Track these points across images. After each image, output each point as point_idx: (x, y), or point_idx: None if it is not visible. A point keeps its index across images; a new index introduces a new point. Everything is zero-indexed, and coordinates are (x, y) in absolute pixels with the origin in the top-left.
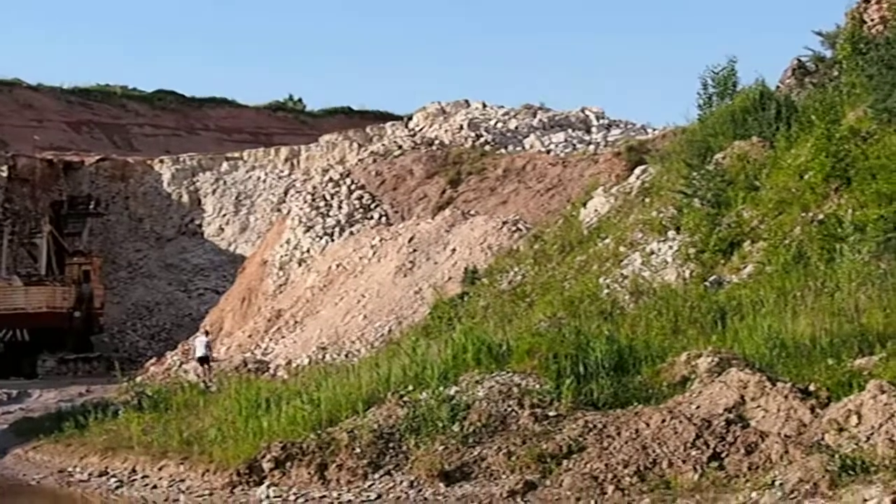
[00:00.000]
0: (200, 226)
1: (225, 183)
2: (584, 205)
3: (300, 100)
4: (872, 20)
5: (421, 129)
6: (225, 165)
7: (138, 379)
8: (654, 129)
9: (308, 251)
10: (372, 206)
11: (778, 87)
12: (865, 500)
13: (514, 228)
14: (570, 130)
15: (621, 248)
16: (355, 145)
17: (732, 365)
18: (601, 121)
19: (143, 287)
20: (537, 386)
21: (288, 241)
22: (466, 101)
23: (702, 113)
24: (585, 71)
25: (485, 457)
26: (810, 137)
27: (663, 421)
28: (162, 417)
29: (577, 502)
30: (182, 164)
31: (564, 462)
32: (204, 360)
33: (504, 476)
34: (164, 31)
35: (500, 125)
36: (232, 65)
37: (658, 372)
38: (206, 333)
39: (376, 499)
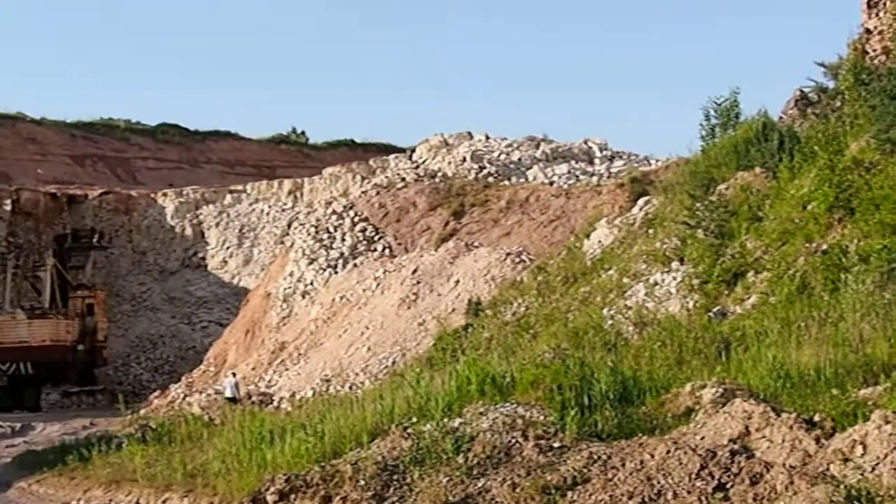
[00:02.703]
0: (204, 258)
1: (228, 216)
2: (588, 236)
3: (303, 132)
4: (875, 51)
5: (424, 162)
6: (228, 198)
7: (142, 412)
8: (658, 161)
9: (311, 283)
10: (375, 238)
11: (781, 117)
12: None
13: (517, 260)
14: (573, 162)
15: (625, 280)
16: (358, 177)
17: (737, 396)
18: (604, 152)
19: (147, 320)
20: (541, 417)
21: (291, 274)
22: (469, 134)
23: (705, 144)
24: (588, 102)
25: (489, 489)
26: (813, 168)
27: (668, 452)
28: (166, 450)
29: None
30: (185, 198)
31: (569, 493)
32: (233, 401)
33: None
34: (168, 64)
35: (503, 157)
36: (235, 98)
37: (662, 403)
38: (234, 374)
39: None
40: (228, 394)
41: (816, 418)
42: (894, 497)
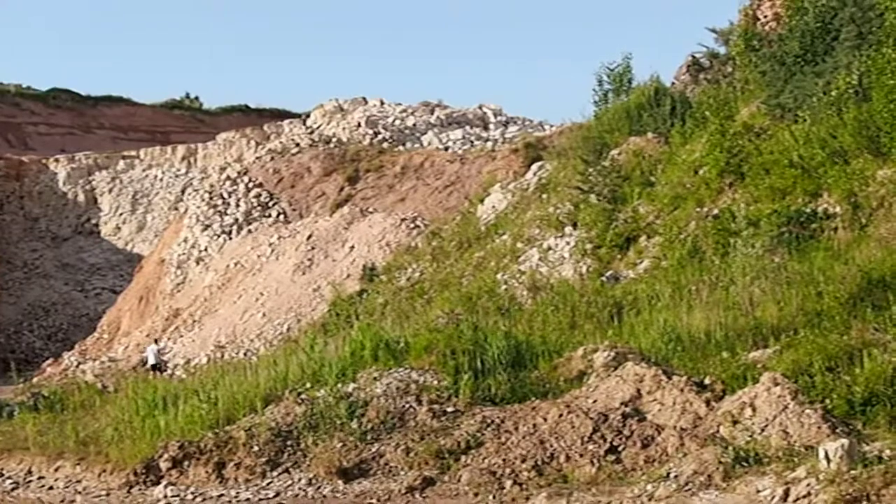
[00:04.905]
0: (97, 225)
1: (121, 182)
2: (482, 201)
3: (197, 98)
4: (765, 17)
5: (318, 127)
6: (121, 164)
7: (34, 380)
8: (551, 126)
9: (206, 249)
10: (270, 203)
11: (673, 83)
12: (758, 491)
13: (412, 225)
14: (467, 127)
15: (518, 245)
16: (253, 143)
17: (629, 359)
18: (499, 118)
19: (40, 287)
20: (435, 382)
21: (185, 240)
22: (364, 99)
23: (598, 109)
24: (483, 68)
25: (383, 453)
26: (705, 133)
27: (560, 415)
28: (58, 418)
29: (476, 497)
30: (78, 163)
31: (462, 457)
32: (156, 368)
33: (402, 472)
34: (59, 28)
35: (397, 122)
36: (127, 63)
37: (555, 367)
38: (156, 342)
39: (274, 497)
40: (151, 361)
41: (707, 381)
42: (782, 458)
